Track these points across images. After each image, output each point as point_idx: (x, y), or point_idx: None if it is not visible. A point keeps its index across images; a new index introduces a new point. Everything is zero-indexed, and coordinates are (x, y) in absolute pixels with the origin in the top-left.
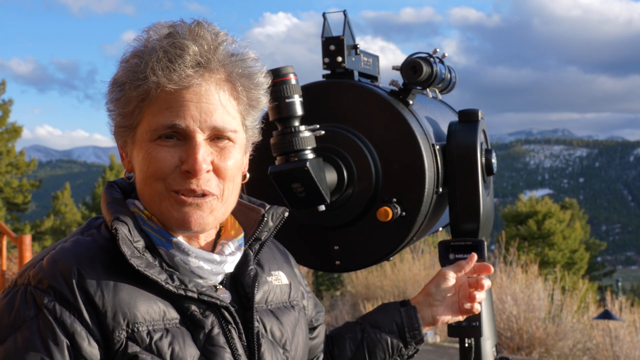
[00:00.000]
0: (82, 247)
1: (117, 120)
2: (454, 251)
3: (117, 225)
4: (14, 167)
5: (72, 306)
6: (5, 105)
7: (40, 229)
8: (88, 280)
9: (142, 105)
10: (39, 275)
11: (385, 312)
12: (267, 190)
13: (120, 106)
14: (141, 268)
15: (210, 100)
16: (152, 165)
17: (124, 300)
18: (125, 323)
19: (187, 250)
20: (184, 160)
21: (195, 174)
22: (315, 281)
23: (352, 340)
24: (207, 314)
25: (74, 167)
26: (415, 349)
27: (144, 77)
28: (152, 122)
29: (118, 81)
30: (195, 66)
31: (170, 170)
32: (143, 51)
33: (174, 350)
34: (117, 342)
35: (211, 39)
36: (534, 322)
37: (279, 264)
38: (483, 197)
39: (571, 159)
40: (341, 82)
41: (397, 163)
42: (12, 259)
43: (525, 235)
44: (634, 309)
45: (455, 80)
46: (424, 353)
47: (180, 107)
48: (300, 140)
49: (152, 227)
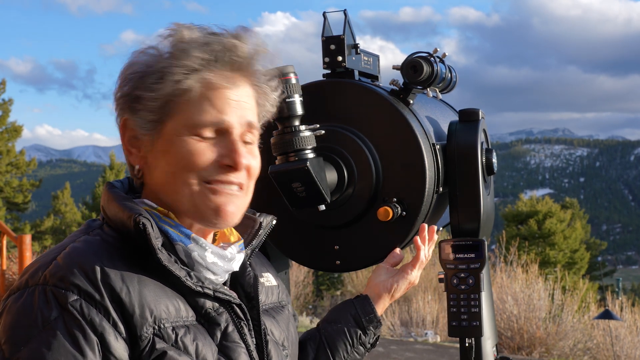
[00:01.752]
0: (96, 245)
1: (142, 113)
2: (455, 251)
3: (144, 221)
4: (14, 166)
5: (99, 304)
6: (6, 105)
7: (40, 229)
8: (112, 277)
9: (178, 99)
10: (59, 274)
11: (340, 307)
12: (267, 190)
13: (152, 99)
14: (166, 263)
15: (247, 99)
16: (188, 158)
17: (149, 296)
18: (152, 319)
19: (205, 246)
20: (224, 154)
21: (238, 167)
22: (316, 281)
23: (312, 341)
24: (221, 311)
25: (74, 167)
26: (375, 336)
27: (190, 70)
28: (193, 118)
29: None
30: (240, 68)
31: (209, 164)
32: (188, 45)
33: (198, 346)
34: (144, 339)
35: (255, 43)
36: (534, 322)
37: (266, 267)
38: (483, 197)
39: (572, 158)
40: (341, 82)
41: (397, 162)
42: (12, 259)
43: (526, 234)
44: (634, 309)
45: (456, 79)
46: (424, 353)
47: (225, 105)
48: (301, 139)
49: (169, 224)
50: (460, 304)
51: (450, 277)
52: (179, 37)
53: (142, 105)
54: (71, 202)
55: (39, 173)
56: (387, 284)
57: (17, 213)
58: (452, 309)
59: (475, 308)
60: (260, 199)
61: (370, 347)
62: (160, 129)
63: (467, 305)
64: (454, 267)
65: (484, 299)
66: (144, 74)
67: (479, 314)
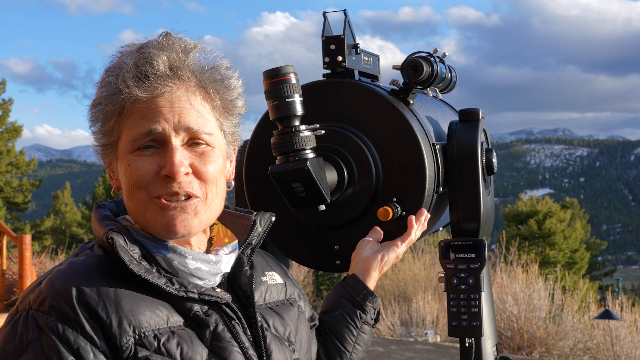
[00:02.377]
0: (77, 266)
1: (101, 141)
2: (455, 251)
3: (112, 235)
4: (14, 166)
5: (74, 322)
6: (6, 105)
7: (40, 229)
8: (88, 294)
9: (120, 119)
10: (39, 298)
11: (332, 295)
12: (267, 190)
13: (101, 125)
14: (141, 273)
15: (183, 104)
16: (133, 175)
17: (127, 308)
18: (132, 329)
19: (184, 253)
20: (162, 165)
21: (174, 176)
22: (316, 281)
23: (319, 336)
24: (210, 312)
25: (74, 167)
26: (375, 311)
27: (117, 90)
28: (130, 134)
29: (96, 102)
30: (166, 74)
31: (151, 178)
32: (115, 67)
33: (183, 350)
34: (125, 349)
35: (180, 47)
36: (534, 322)
37: (271, 266)
38: (484, 197)
39: (572, 158)
40: (341, 82)
41: (397, 162)
42: (12, 259)
43: (526, 234)
44: (634, 309)
45: (456, 79)
46: (425, 353)
47: (154, 113)
48: (301, 139)
49: (146, 236)
50: (461, 304)
51: (450, 277)
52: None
53: (98, 133)
54: (71, 202)
55: (39, 173)
56: (377, 256)
57: (17, 213)
58: (452, 309)
59: (475, 308)
60: (260, 199)
61: (375, 323)
62: (116, 151)
63: (467, 305)
64: (454, 267)
65: (484, 298)
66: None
67: (479, 313)
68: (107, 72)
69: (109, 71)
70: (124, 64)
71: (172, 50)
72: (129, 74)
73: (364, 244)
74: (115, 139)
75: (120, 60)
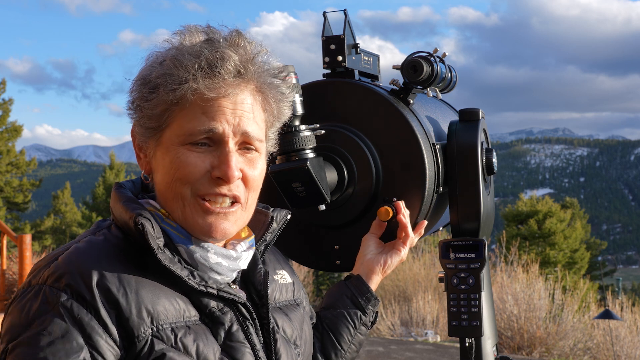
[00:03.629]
0: (97, 246)
1: (142, 121)
2: (455, 251)
3: (143, 221)
4: (14, 166)
5: (90, 304)
6: (6, 105)
7: (40, 229)
8: (109, 278)
9: (174, 109)
10: (56, 273)
11: (334, 291)
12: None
13: (150, 108)
14: (166, 263)
15: (245, 108)
16: (181, 169)
17: (147, 297)
18: (150, 320)
19: (207, 247)
20: (215, 166)
21: (229, 180)
22: (316, 281)
23: (316, 330)
24: (226, 310)
25: (74, 167)
26: (374, 313)
27: (181, 82)
28: (185, 126)
29: (150, 82)
30: (235, 75)
31: (200, 176)
32: (181, 55)
33: (199, 346)
34: (142, 339)
35: (249, 49)
36: (534, 322)
37: (282, 264)
38: (484, 197)
39: (572, 158)
40: (342, 81)
41: (397, 162)
42: (12, 259)
43: (526, 234)
44: (634, 309)
45: (456, 79)
46: (425, 353)
47: (217, 112)
48: (301, 139)
49: (171, 225)
50: (461, 304)
51: (450, 277)
52: (175, 46)
53: (142, 113)
54: (71, 202)
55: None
56: (380, 260)
57: (17, 213)
58: (452, 309)
59: (476, 308)
60: (260, 199)
61: (371, 325)
62: (159, 137)
63: (467, 305)
64: (454, 267)
65: (484, 298)
66: (143, 83)
67: (479, 313)
68: (171, 58)
69: (175, 57)
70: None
71: (242, 50)
72: (199, 69)
73: (368, 243)
74: (162, 125)
75: (185, 48)
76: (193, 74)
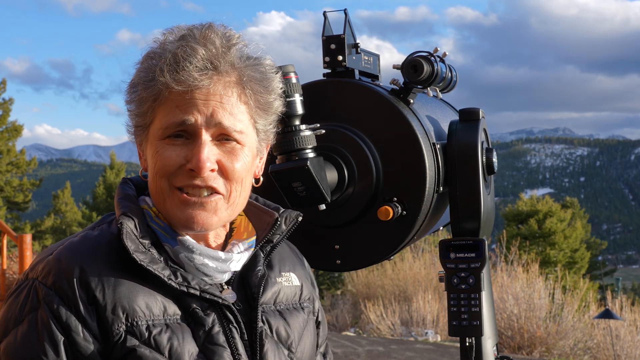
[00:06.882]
0: (88, 242)
1: (135, 120)
2: (455, 250)
3: (122, 220)
4: (15, 166)
5: (70, 300)
6: (6, 104)
7: (40, 228)
8: (90, 275)
9: (154, 105)
10: (45, 269)
11: None
12: (270, 190)
13: (136, 106)
14: (144, 263)
15: (218, 99)
16: (159, 163)
17: (124, 294)
18: (125, 317)
19: (192, 248)
20: (188, 158)
21: (199, 171)
22: (316, 280)
23: None
24: (209, 312)
25: (74, 166)
26: None
27: (153, 78)
28: (162, 121)
29: (133, 83)
30: (203, 69)
31: (175, 169)
32: (156, 53)
33: (173, 345)
34: (115, 335)
35: (220, 43)
36: (534, 321)
37: (291, 265)
38: (484, 196)
39: (572, 157)
40: (342, 81)
41: (397, 162)
42: (13, 258)
43: (526, 234)
44: (634, 308)
45: (456, 79)
46: (425, 352)
47: (188, 104)
48: (301, 139)
49: (158, 224)
50: (461, 304)
51: (450, 277)
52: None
53: (131, 113)
54: (71, 202)
55: (39, 172)
56: None
57: (17, 212)
58: (453, 309)
59: (476, 307)
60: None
61: None
62: (147, 134)
63: (468, 304)
64: (455, 267)
65: (484, 298)
66: (129, 83)
67: (479, 313)
68: (147, 56)
69: (150, 55)
70: (165, 52)
71: (212, 44)
72: (167, 65)
73: None
74: (148, 122)
75: (162, 47)
76: (160, 68)
